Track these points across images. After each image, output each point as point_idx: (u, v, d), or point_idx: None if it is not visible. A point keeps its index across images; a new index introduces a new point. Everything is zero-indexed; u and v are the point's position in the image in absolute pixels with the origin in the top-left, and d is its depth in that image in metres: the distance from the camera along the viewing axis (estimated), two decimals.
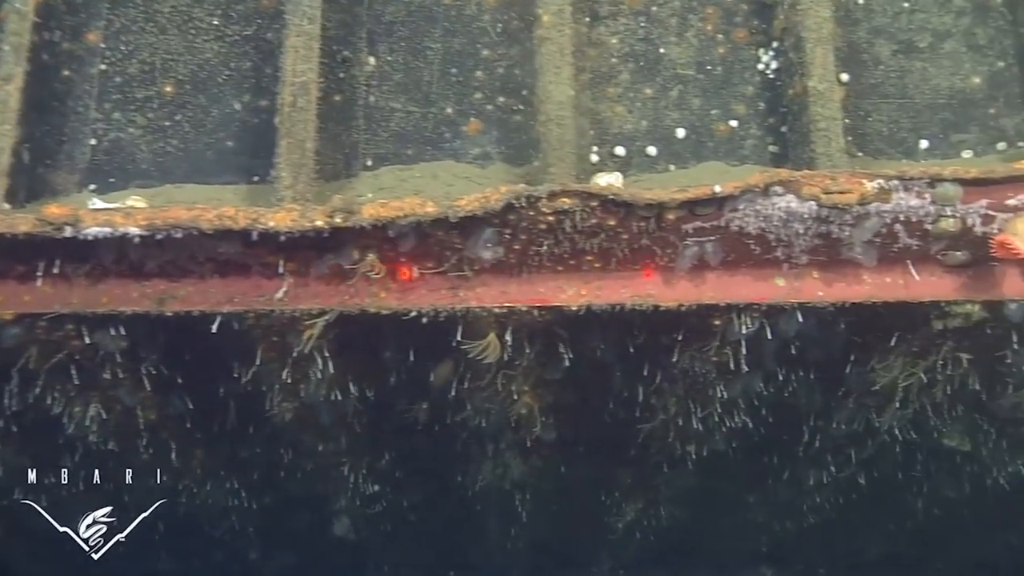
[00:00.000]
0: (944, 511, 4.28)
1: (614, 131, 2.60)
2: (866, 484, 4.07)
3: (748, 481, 4.28)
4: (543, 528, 4.73)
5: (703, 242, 2.37)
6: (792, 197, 2.24)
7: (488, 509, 4.48)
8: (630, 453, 3.69)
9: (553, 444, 3.73)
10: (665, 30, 2.71)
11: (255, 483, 3.94)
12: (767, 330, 2.59)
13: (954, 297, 2.41)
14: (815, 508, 4.32)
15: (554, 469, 4.03)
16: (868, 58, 2.65)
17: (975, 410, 3.36)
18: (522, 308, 2.48)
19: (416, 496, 4.35)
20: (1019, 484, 3.87)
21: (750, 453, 3.88)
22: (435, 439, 3.67)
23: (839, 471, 3.90)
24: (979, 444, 3.66)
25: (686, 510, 4.57)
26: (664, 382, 3.05)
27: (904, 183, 2.20)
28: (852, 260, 2.40)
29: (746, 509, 4.52)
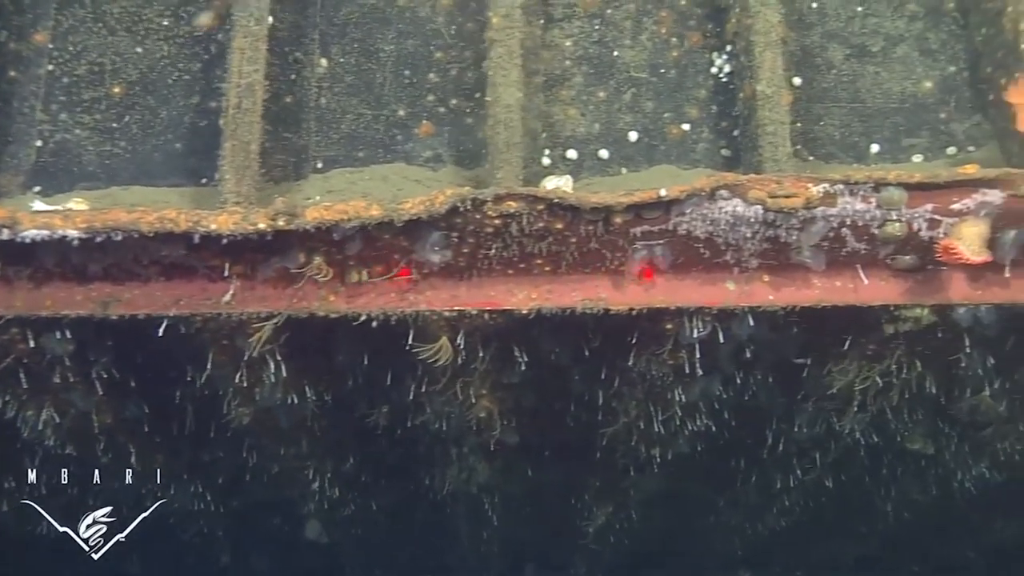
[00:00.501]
0: (914, 514, 4.29)
1: (567, 134, 2.60)
2: (834, 487, 4.08)
3: (717, 484, 4.29)
4: (516, 531, 4.73)
5: (652, 246, 2.36)
6: (738, 201, 2.23)
7: (459, 512, 4.47)
8: (595, 456, 3.68)
9: (517, 447, 3.72)
10: (619, 33, 2.70)
11: (221, 487, 3.91)
12: (719, 333, 2.58)
13: (902, 301, 2.41)
14: (786, 511, 4.33)
15: (521, 472, 4.02)
16: (821, 62, 2.65)
17: (935, 413, 3.37)
18: (472, 311, 2.47)
19: (386, 500, 4.34)
20: (984, 487, 3.88)
21: (716, 456, 3.88)
22: (398, 442, 3.65)
23: (805, 474, 3.90)
24: (942, 447, 3.67)
25: (658, 513, 4.57)
26: (623, 385, 3.04)
27: (849, 187, 2.20)
28: (801, 264, 2.39)
29: (718, 512, 4.53)
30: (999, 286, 2.36)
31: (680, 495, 4.42)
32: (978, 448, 3.60)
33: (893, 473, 4.01)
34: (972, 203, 2.22)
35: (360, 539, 4.68)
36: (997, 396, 3.11)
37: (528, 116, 2.55)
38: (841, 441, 3.53)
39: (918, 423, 3.46)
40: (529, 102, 2.59)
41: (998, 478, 3.83)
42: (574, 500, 4.35)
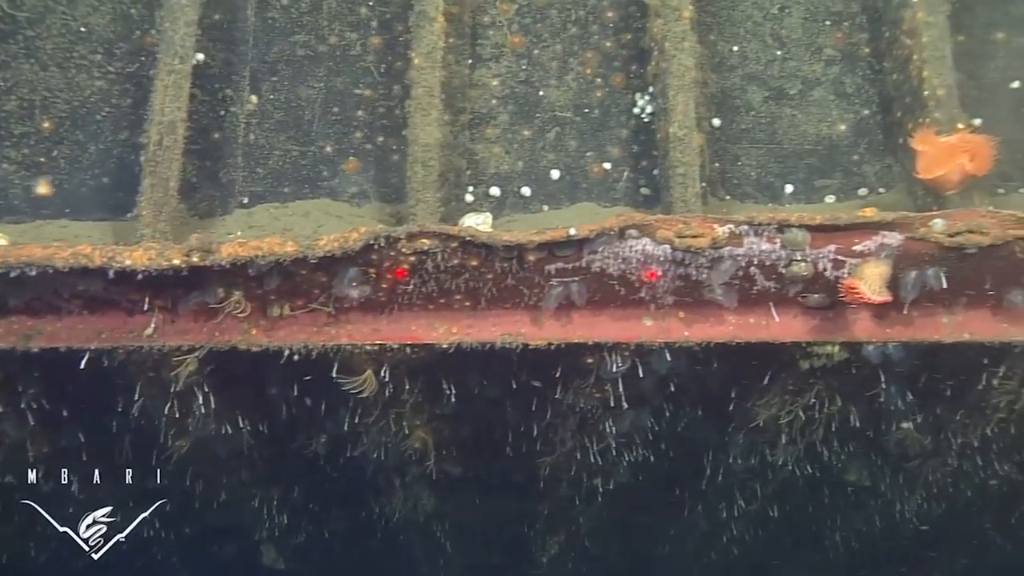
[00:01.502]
0: (865, 546, 4.33)
1: (491, 171, 2.65)
2: (781, 518, 4.12)
3: (665, 514, 4.31)
4: (472, 561, 4.74)
5: (568, 282, 2.41)
6: (647, 240, 2.29)
7: (413, 542, 4.48)
8: (539, 486, 3.71)
9: (461, 477, 3.75)
10: (546, 73, 2.77)
11: (170, 515, 3.91)
12: (639, 368, 2.63)
13: (811, 338, 2.46)
14: (739, 542, 4.36)
15: (469, 502, 4.04)
16: (740, 104, 2.72)
17: (866, 446, 3.42)
18: (394, 345, 2.51)
19: (338, 528, 4.34)
20: (927, 520, 3.93)
21: (660, 486, 3.93)
22: (342, 471, 3.67)
23: (748, 504, 3.94)
24: (877, 479, 3.72)
25: (612, 544, 4.59)
26: (555, 417, 3.09)
27: (754, 228, 2.26)
28: (714, 301, 2.45)
29: (672, 542, 4.55)
30: (902, 324, 2.43)
31: (631, 525, 4.45)
32: (911, 480, 3.65)
33: (835, 505, 4.05)
34: (873, 245, 2.28)
35: (318, 568, 4.67)
36: (921, 429, 3.17)
37: (450, 154, 2.61)
38: (778, 473, 3.57)
39: (851, 455, 3.51)
40: (454, 140, 2.65)
41: (937, 510, 3.88)
42: (527, 529, 4.36)
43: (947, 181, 2.26)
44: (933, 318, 2.48)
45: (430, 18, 2.49)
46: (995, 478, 3.49)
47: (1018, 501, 3.77)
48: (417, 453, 3.30)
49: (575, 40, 2.79)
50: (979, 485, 3.59)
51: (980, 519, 3.99)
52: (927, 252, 2.27)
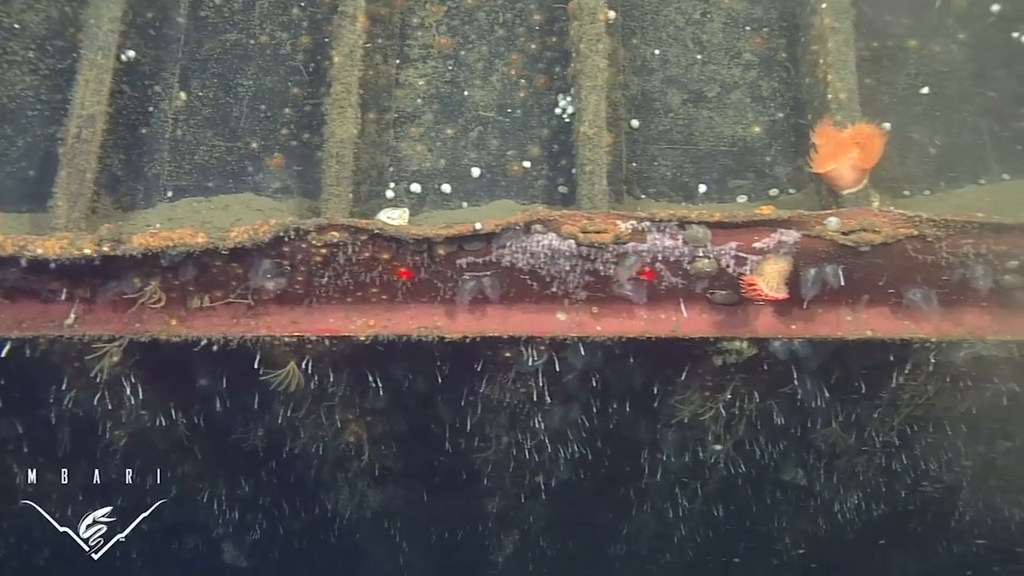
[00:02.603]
0: (814, 546, 4.36)
1: (413, 168, 2.71)
2: (728, 519, 4.16)
3: (614, 513, 4.35)
4: (429, 560, 4.76)
5: (480, 277, 2.47)
6: (553, 235, 2.36)
7: (369, 540, 4.51)
8: (482, 482, 3.75)
9: (405, 474, 3.80)
10: (471, 74, 2.83)
11: (121, 509, 3.93)
12: (555, 362, 2.69)
13: (718, 334, 2.53)
14: (690, 543, 4.40)
15: (418, 500, 4.08)
16: (660, 106, 2.79)
17: (796, 444, 3.48)
18: (312, 337, 2.56)
19: (294, 523, 4.37)
20: (862, 516, 3.96)
21: (604, 485, 3.97)
22: (285, 466, 3.71)
23: (691, 503, 3.99)
24: (813, 478, 3.77)
25: (566, 544, 4.62)
26: (486, 412, 3.14)
27: (656, 224, 2.33)
28: (624, 297, 2.51)
29: (625, 542, 4.59)
30: (806, 321, 2.49)
31: (584, 524, 4.48)
32: (845, 479, 3.70)
33: (778, 505, 4.09)
34: (771, 242, 2.35)
35: (278, 563, 4.69)
36: (844, 426, 3.23)
37: (373, 151, 2.67)
38: (714, 471, 3.62)
39: (783, 454, 3.56)
40: (378, 138, 2.71)
41: (877, 511, 3.92)
42: (480, 528, 4.40)
43: (840, 175, 2.33)
44: (837, 315, 2.55)
45: (351, 17, 2.55)
46: (926, 478, 3.55)
47: (953, 501, 3.80)
48: (353, 448, 3.34)
49: (502, 42, 2.86)
50: (912, 484, 3.64)
51: (919, 520, 4.02)
52: (823, 250, 2.34)
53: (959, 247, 2.31)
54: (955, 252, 2.32)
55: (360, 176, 2.63)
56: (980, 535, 3.96)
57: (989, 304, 2.46)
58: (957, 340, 2.47)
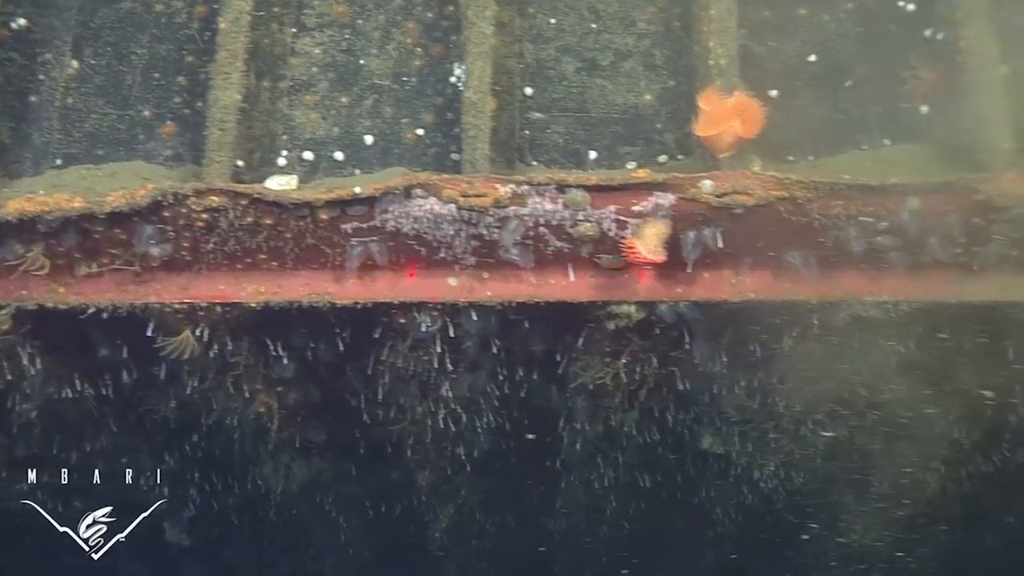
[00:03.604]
0: (742, 515, 4.40)
1: (306, 136, 2.72)
2: (656, 490, 4.19)
3: (545, 485, 4.38)
4: (369, 534, 4.77)
5: (367, 242, 2.49)
6: (434, 200, 2.38)
7: (306, 513, 4.51)
8: (407, 455, 3.77)
9: (329, 446, 3.81)
10: (368, 42, 2.84)
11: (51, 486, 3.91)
12: (450, 328, 2.72)
13: (603, 298, 2.56)
14: (625, 515, 4.43)
15: (346, 472, 4.10)
16: (554, 74, 2.82)
17: (706, 410, 3.52)
18: (202, 304, 2.57)
19: (228, 500, 4.37)
20: (785, 485, 4.01)
21: (527, 456, 4.00)
22: (206, 439, 3.71)
23: (615, 473, 4.02)
24: (730, 446, 3.81)
25: (504, 518, 4.65)
26: (395, 381, 3.16)
27: (535, 188, 2.36)
28: (512, 262, 2.55)
29: (562, 516, 4.61)
30: (689, 284, 2.54)
31: (518, 498, 4.51)
32: (760, 446, 3.75)
33: (700, 473, 4.13)
34: (649, 205, 2.39)
35: (219, 542, 4.69)
36: (748, 392, 3.28)
37: (266, 119, 2.68)
38: (631, 439, 3.66)
39: (696, 421, 3.61)
40: (272, 106, 2.72)
41: (797, 479, 3.98)
42: (414, 501, 4.41)
43: (720, 141, 2.37)
44: (721, 278, 2.59)
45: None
46: (836, 443, 3.60)
47: (871, 468, 3.85)
48: (265, 419, 3.35)
49: (398, 11, 2.87)
50: (826, 451, 3.70)
51: (843, 488, 4.07)
52: (699, 212, 2.38)
53: (830, 209, 2.36)
54: (827, 214, 2.37)
55: (253, 143, 2.63)
56: (900, 503, 4.02)
57: (865, 265, 2.51)
58: (836, 302, 2.52)
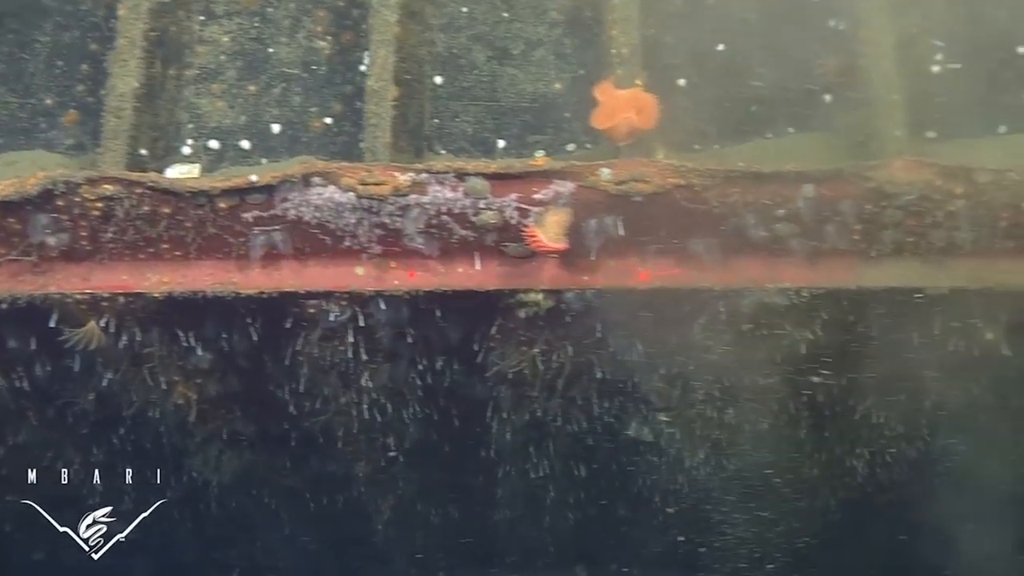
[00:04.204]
0: (680, 503, 4.42)
1: (212, 125, 2.70)
2: (593, 479, 4.21)
3: (483, 476, 4.37)
4: (313, 527, 4.74)
5: (270, 231, 2.48)
6: (334, 188, 2.37)
7: (246, 506, 4.47)
8: (338, 447, 3.76)
9: (260, 437, 3.78)
10: (277, 30, 2.83)
11: None
12: (360, 318, 2.71)
13: (510, 286, 2.57)
14: (567, 506, 4.44)
15: (280, 464, 4.07)
16: (465, 63, 2.82)
17: (630, 399, 3.54)
18: (104, 294, 2.54)
19: (164, 494, 4.32)
20: (718, 472, 4.04)
21: (462, 446, 4.00)
22: (133, 431, 3.67)
23: (550, 463, 4.03)
24: (657, 434, 3.83)
25: (448, 509, 4.64)
26: (313, 372, 3.14)
27: (435, 176, 2.36)
28: (418, 250, 2.54)
29: (506, 506, 4.61)
30: (594, 271, 2.55)
31: (460, 489, 4.50)
32: (686, 433, 3.79)
33: (634, 462, 4.14)
34: (550, 193, 2.40)
35: (162, 536, 4.63)
36: (667, 380, 3.31)
37: (171, 107, 2.65)
38: (560, 429, 3.67)
39: (621, 409, 3.63)
40: (177, 94, 2.69)
41: (729, 464, 4.01)
42: (353, 493, 4.39)
43: (617, 132, 2.38)
44: (627, 266, 2.61)
45: None
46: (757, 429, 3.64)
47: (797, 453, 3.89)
48: (184, 411, 3.33)
49: None
50: (750, 437, 3.73)
51: (776, 474, 4.11)
52: (599, 200, 2.39)
53: (728, 197, 2.39)
54: (725, 202, 2.40)
55: (157, 132, 2.61)
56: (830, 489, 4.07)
57: (767, 252, 2.54)
58: (739, 288, 2.55)
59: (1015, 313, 2.66)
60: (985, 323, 2.69)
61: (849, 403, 3.26)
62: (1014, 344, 2.78)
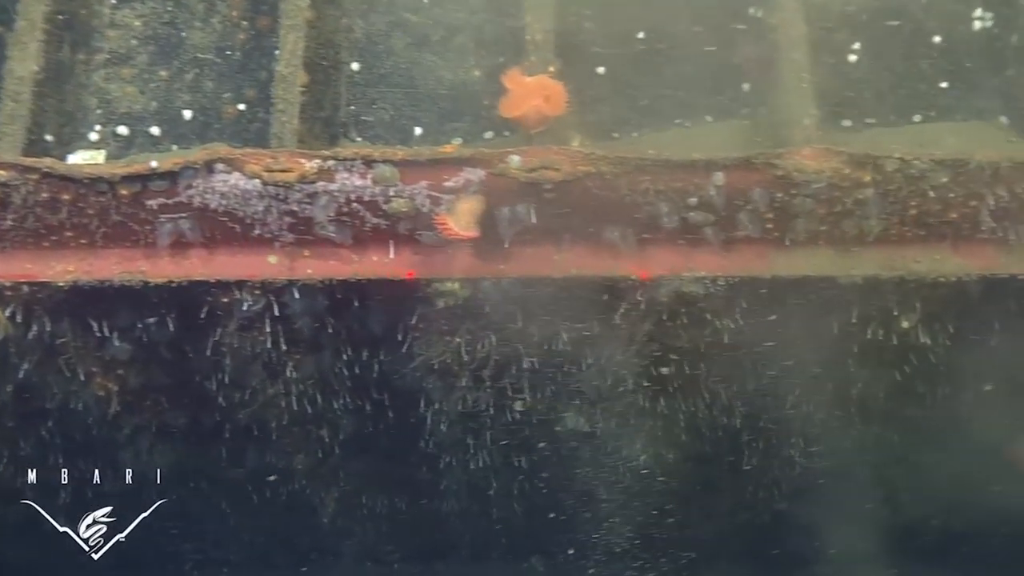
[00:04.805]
0: (623, 495, 4.41)
1: (122, 111, 2.65)
2: (532, 468, 4.19)
3: (426, 467, 4.34)
4: (258, 520, 4.68)
5: (176, 219, 2.43)
6: (239, 175, 2.33)
7: (189, 500, 4.40)
8: (274, 438, 3.71)
9: (193, 430, 3.73)
10: (191, 15, 2.77)
11: None
12: (276, 307, 2.67)
13: (426, 275, 2.54)
14: (512, 496, 4.42)
15: (217, 457, 4.01)
16: (383, 49, 2.78)
17: (562, 390, 3.52)
18: (7, 283, 2.48)
19: (104, 486, 4.24)
20: (659, 463, 4.03)
21: (400, 437, 3.96)
22: (60, 424, 3.60)
23: (487, 454, 4.01)
24: (594, 425, 3.82)
25: (395, 501, 4.60)
26: (237, 362, 3.10)
27: (342, 163, 2.32)
28: (331, 239, 2.51)
29: (452, 498, 4.58)
30: (509, 260, 2.53)
31: (405, 481, 4.47)
32: (620, 423, 3.78)
33: (573, 453, 4.13)
34: (460, 181, 2.37)
35: (109, 527, 4.55)
36: (597, 369, 3.30)
37: (78, 92, 2.59)
38: (495, 419, 3.65)
39: (554, 399, 3.61)
40: (85, 79, 2.63)
41: (667, 455, 4.01)
42: (295, 486, 4.34)
43: (526, 120, 2.36)
44: (543, 254, 2.59)
45: None
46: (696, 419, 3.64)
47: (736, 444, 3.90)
48: (105, 403, 3.27)
49: None
50: (689, 428, 3.74)
51: (717, 465, 4.11)
52: (510, 188, 2.37)
53: (639, 185, 2.37)
54: (636, 190, 2.39)
55: (63, 117, 2.55)
56: (773, 481, 4.08)
57: (683, 241, 2.54)
58: (655, 277, 2.54)
59: (929, 302, 2.68)
60: (901, 311, 2.70)
61: (774, 392, 3.27)
62: (931, 332, 2.80)
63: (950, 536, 3.92)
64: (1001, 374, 2.94)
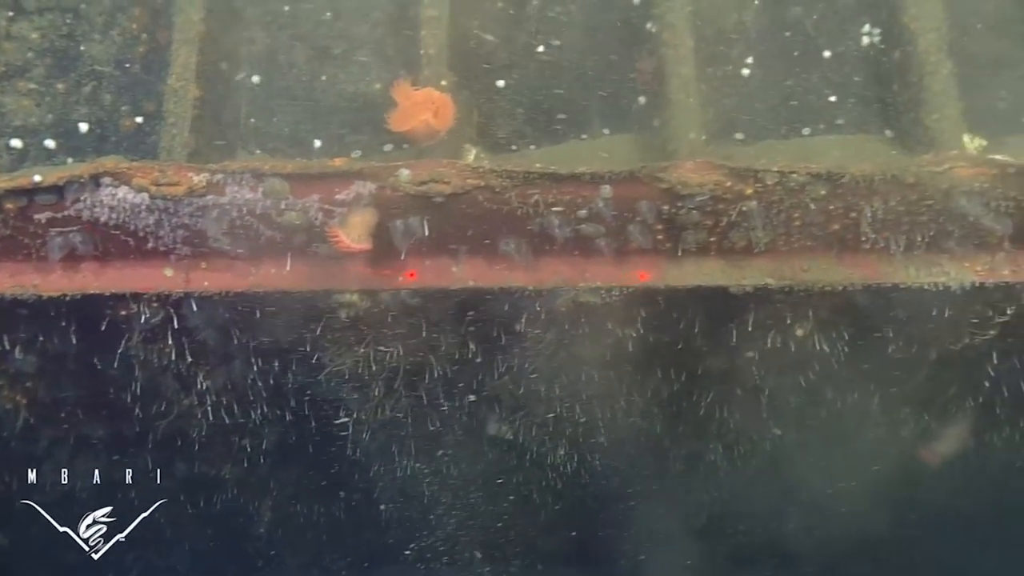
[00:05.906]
0: (559, 501, 4.43)
1: (16, 124, 2.63)
2: (462, 475, 4.20)
3: (360, 475, 4.33)
4: (196, 528, 4.64)
5: (67, 232, 2.42)
6: (126, 188, 2.33)
7: (122, 512, 4.34)
8: (194, 449, 3.69)
9: (115, 441, 3.69)
10: (90, 27, 2.76)
11: None
12: (175, 319, 2.67)
13: (322, 287, 2.56)
14: (450, 507, 4.42)
15: (143, 466, 3.97)
16: (284, 61, 2.79)
17: (482, 398, 3.55)
18: None
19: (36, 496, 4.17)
20: (586, 469, 4.07)
21: (325, 446, 3.96)
22: None
23: (416, 462, 4.02)
24: (517, 432, 3.85)
25: (330, 508, 4.59)
26: (147, 374, 3.08)
27: (231, 176, 2.33)
28: (224, 251, 2.51)
29: (388, 502, 4.57)
30: (397, 270, 2.55)
31: (337, 487, 4.46)
32: (540, 431, 3.81)
33: (500, 460, 4.15)
34: (351, 194, 2.39)
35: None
36: (510, 378, 3.33)
37: None
38: (418, 428, 3.66)
39: (474, 408, 3.63)
40: None
41: (592, 461, 4.04)
42: (227, 495, 4.31)
43: (415, 134, 2.39)
44: (440, 266, 2.62)
45: None
46: (614, 427, 3.68)
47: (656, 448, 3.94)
48: (14, 416, 3.24)
49: None
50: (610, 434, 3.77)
51: (648, 470, 4.15)
52: (401, 201, 2.40)
53: (528, 198, 2.41)
54: (527, 202, 2.42)
55: None
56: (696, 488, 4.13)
57: (577, 252, 2.58)
58: (551, 288, 2.58)
59: (821, 309, 2.75)
60: (794, 319, 2.77)
61: (682, 400, 3.32)
62: (827, 339, 2.87)
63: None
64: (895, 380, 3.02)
